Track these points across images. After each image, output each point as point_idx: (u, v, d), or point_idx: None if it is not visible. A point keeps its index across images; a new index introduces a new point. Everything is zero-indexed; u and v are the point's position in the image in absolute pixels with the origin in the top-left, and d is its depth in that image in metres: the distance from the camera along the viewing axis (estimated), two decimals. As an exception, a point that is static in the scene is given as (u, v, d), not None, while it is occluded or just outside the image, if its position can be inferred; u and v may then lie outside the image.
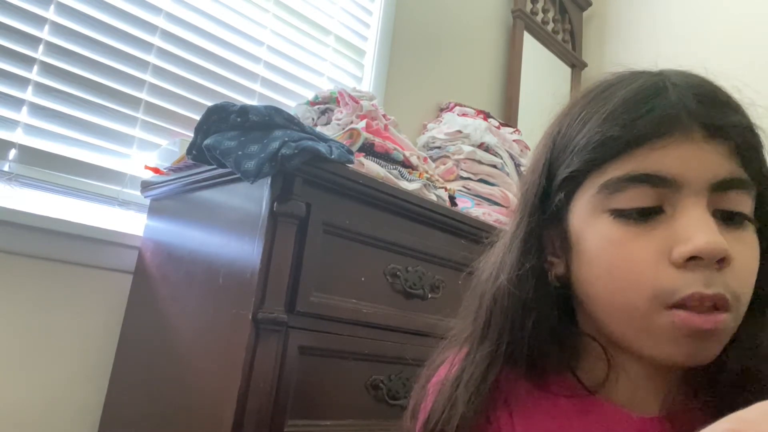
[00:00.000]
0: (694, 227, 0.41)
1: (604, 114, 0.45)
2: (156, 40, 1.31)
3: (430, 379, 0.55)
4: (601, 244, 0.44)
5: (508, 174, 1.65)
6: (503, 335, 0.48)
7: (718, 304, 0.40)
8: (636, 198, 0.43)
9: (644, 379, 0.47)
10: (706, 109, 0.43)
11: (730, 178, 0.42)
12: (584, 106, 0.47)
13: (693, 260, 0.40)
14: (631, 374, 0.47)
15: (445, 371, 0.53)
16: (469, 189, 1.57)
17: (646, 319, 0.42)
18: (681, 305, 0.40)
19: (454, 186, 1.50)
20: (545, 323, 0.47)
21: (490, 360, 0.48)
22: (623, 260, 0.43)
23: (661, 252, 0.41)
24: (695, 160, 0.42)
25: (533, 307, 0.47)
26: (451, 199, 1.29)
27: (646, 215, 0.42)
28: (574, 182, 0.46)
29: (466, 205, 1.50)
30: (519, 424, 0.48)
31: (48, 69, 1.15)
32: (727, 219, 0.43)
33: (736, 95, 0.45)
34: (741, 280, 0.42)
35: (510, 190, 1.62)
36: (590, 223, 0.45)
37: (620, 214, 0.43)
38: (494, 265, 0.51)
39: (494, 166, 1.62)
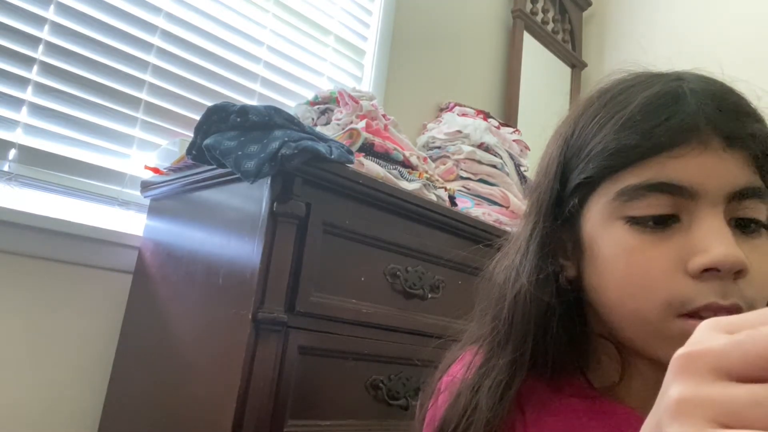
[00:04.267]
0: (712, 238, 0.40)
1: (620, 120, 0.44)
2: (156, 40, 1.31)
3: (440, 378, 0.54)
4: (615, 250, 0.44)
5: (507, 174, 1.65)
6: (527, 340, 0.47)
7: (733, 315, 0.40)
8: (652, 206, 0.42)
9: (658, 382, 0.47)
10: (725, 118, 0.42)
11: (748, 187, 0.42)
12: (599, 109, 0.47)
13: (709, 271, 0.40)
14: (645, 376, 0.47)
15: (457, 370, 0.53)
16: (468, 189, 1.57)
17: (656, 327, 0.42)
18: (694, 314, 0.40)
19: (454, 186, 1.50)
20: (564, 326, 0.47)
21: (516, 366, 0.47)
22: (637, 268, 0.42)
23: (677, 261, 0.41)
24: (713, 169, 0.41)
25: (555, 311, 0.47)
26: (451, 199, 1.29)
27: (661, 223, 0.42)
28: (588, 187, 0.46)
29: (466, 205, 1.50)
30: (531, 425, 0.48)
31: (48, 69, 1.15)
32: (743, 227, 0.43)
33: (755, 102, 0.45)
34: (757, 289, 0.41)
35: (510, 190, 1.62)
36: (604, 230, 0.45)
37: (636, 222, 0.43)
38: (510, 268, 0.50)
39: (494, 166, 1.62)
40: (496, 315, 0.50)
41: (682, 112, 0.42)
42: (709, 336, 0.24)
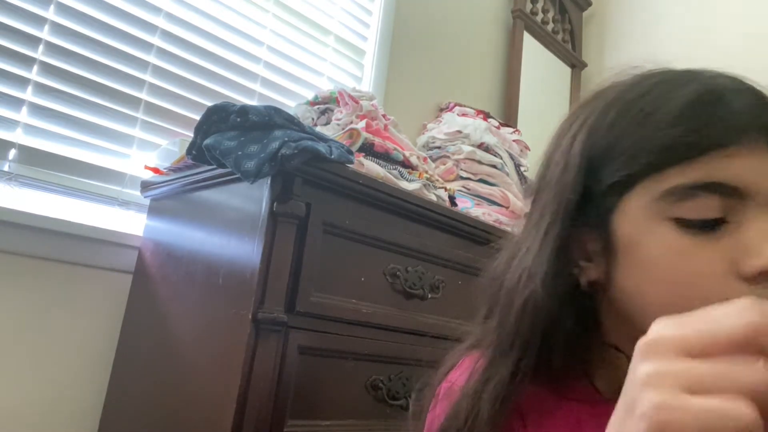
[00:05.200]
0: (765, 239, 0.39)
1: (668, 115, 0.42)
2: (156, 40, 1.31)
3: (440, 383, 0.53)
4: (662, 253, 0.42)
5: (507, 174, 1.65)
6: (532, 345, 0.45)
7: None
8: (703, 207, 0.41)
9: None
10: None
11: None
12: (632, 103, 0.45)
13: (764, 274, 0.39)
14: None
15: (456, 376, 0.51)
16: (468, 189, 1.57)
17: None
18: None
19: (454, 186, 1.50)
20: (574, 332, 0.45)
21: (519, 372, 0.45)
22: (688, 272, 0.41)
23: (728, 264, 0.40)
24: (763, 169, 0.41)
25: (565, 319, 0.45)
26: (451, 199, 1.29)
27: (710, 225, 0.41)
28: (626, 185, 0.44)
29: (466, 205, 1.50)
30: (532, 429, 0.47)
31: (48, 69, 1.15)
32: None
33: None
34: None
35: (510, 190, 1.62)
36: (648, 231, 0.43)
37: (684, 223, 0.41)
38: (521, 269, 0.48)
39: (494, 166, 1.62)
40: (501, 320, 0.48)
41: (732, 111, 0.41)
42: (668, 326, 0.27)
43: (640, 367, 0.26)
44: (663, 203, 0.42)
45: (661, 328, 0.27)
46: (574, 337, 0.46)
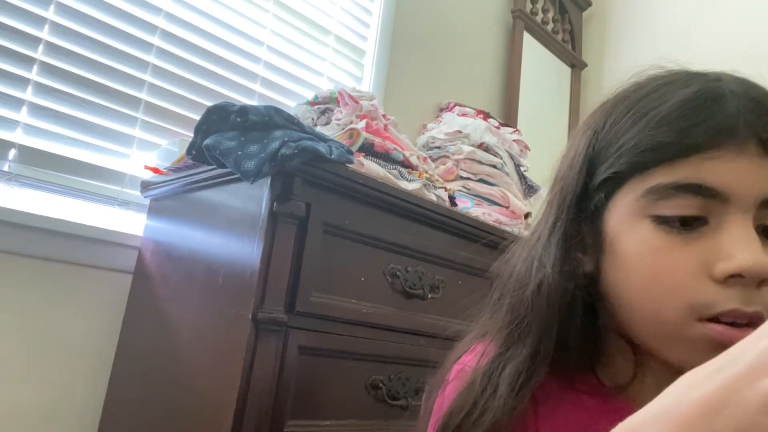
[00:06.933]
0: (740, 244, 0.40)
1: (656, 117, 0.43)
2: (156, 40, 1.31)
3: (450, 368, 0.53)
4: (640, 249, 0.43)
5: (507, 174, 1.64)
6: (550, 331, 0.46)
7: (754, 322, 0.40)
8: (682, 207, 0.42)
9: (671, 381, 0.46)
10: (764, 123, 0.41)
11: None
12: (633, 104, 0.46)
13: (734, 277, 0.40)
14: (658, 376, 0.46)
15: (468, 359, 0.52)
16: (468, 189, 1.57)
17: (676, 329, 0.41)
18: (715, 319, 0.40)
19: (454, 186, 1.50)
20: (582, 321, 0.47)
21: (538, 357, 0.46)
22: (662, 269, 0.42)
23: (702, 264, 0.41)
24: (748, 174, 0.41)
25: (579, 302, 0.47)
26: (451, 199, 1.29)
27: (689, 225, 0.42)
28: (616, 183, 0.46)
29: (466, 205, 1.50)
30: (542, 419, 0.47)
31: (48, 69, 1.15)
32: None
33: None
34: None
35: (510, 190, 1.62)
36: (629, 227, 0.44)
37: (663, 221, 0.42)
38: (532, 258, 0.49)
39: (494, 166, 1.62)
40: (515, 305, 0.49)
41: (720, 114, 0.42)
42: None
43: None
44: (644, 201, 0.43)
45: None
46: (584, 327, 0.47)
